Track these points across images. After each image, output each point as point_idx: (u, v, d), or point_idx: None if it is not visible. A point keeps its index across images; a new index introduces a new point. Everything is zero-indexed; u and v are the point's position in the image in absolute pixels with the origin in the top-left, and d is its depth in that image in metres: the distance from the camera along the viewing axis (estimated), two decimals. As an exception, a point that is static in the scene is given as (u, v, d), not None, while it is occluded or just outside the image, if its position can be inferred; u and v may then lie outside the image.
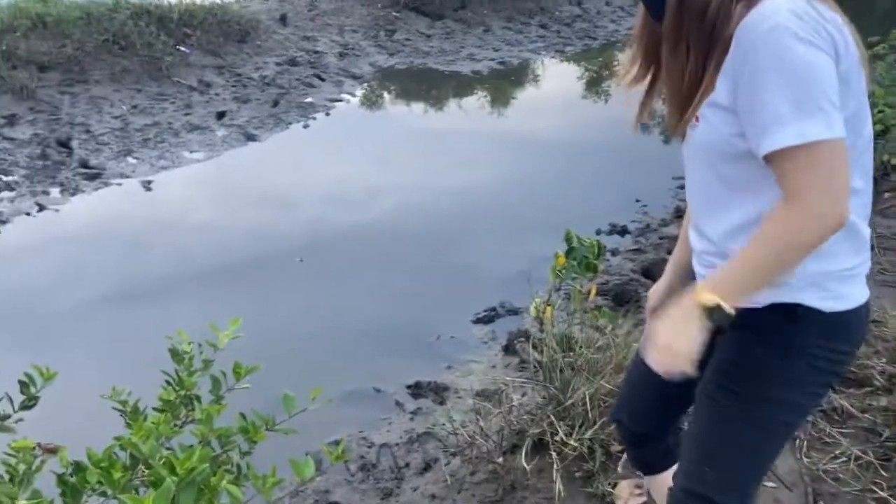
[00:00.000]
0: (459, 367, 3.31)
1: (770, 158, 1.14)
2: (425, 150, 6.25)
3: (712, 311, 1.19)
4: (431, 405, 3.04)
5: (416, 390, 3.14)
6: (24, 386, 1.27)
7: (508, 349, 3.35)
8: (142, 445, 1.01)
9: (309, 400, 1.29)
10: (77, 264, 4.18)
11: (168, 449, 1.07)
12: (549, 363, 2.45)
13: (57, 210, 4.79)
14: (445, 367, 3.31)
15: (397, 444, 2.76)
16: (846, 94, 1.15)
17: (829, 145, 1.10)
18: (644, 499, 2.11)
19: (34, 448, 1.17)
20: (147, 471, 1.04)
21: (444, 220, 4.83)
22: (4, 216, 4.63)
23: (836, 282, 1.27)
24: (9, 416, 1.28)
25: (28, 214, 4.69)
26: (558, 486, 2.23)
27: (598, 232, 4.65)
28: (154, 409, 1.31)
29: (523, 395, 2.81)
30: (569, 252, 2.35)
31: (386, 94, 7.92)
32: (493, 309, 3.78)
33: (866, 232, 1.30)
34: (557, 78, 8.65)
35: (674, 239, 3.55)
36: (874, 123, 4.38)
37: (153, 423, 1.12)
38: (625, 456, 2.24)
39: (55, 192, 5.00)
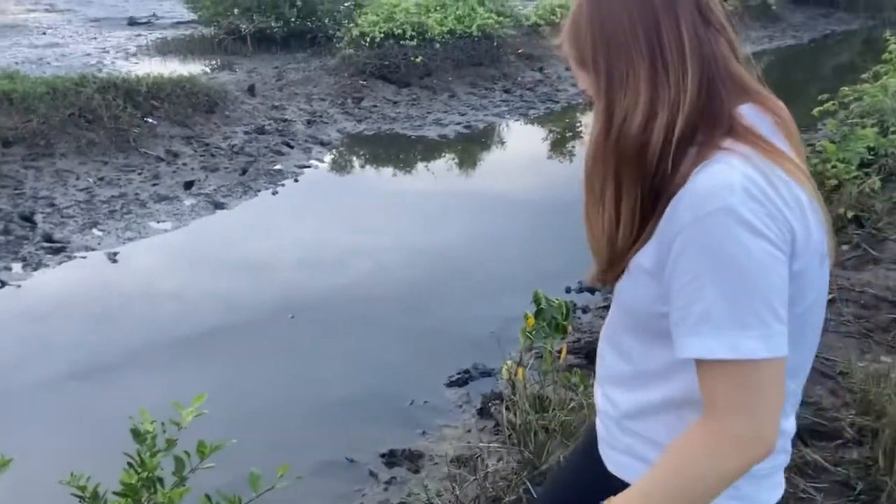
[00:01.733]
0: (434, 432, 3.26)
1: (694, 362, 0.98)
2: (394, 213, 6.29)
3: None
4: (406, 474, 2.98)
5: (391, 459, 3.08)
6: (-23, 475, 1.22)
7: (483, 412, 3.31)
8: (100, 535, 0.98)
9: (276, 477, 1.26)
10: (38, 341, 4.08)
11: (128, 536, 1.03)
12: (522, 426, 2.43)
13: (19, 286, 4.70)
14: (420, 434, 3.26)
15: (371, 517, 2.69)
16: (799, 292, 1.00)
17: (765, 365, 0.94)
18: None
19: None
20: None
21: (415, 284, 4.83)
22: (-35, 293, 4.53)
23: (747, 481, 1.06)
24: (-39, 508, 1.23)
25: (-11, 291, 4.59)
26: (537, 554, 2.18)
27: (568, 290, 4.68)
28: (115, 493, 1.27)
29: (499, 459, 2.77)
30: (538, 313, 2.36)
31: (354, 160, 8.00)
32: (467, 371, 3.75)
33: (789, 427, 1.14)
34: (522, 140, 8.83)
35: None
36: (828, 178, 4.56)
37: (113, 509, 1.08)
38: None
39: (17, 267, 4.91)
